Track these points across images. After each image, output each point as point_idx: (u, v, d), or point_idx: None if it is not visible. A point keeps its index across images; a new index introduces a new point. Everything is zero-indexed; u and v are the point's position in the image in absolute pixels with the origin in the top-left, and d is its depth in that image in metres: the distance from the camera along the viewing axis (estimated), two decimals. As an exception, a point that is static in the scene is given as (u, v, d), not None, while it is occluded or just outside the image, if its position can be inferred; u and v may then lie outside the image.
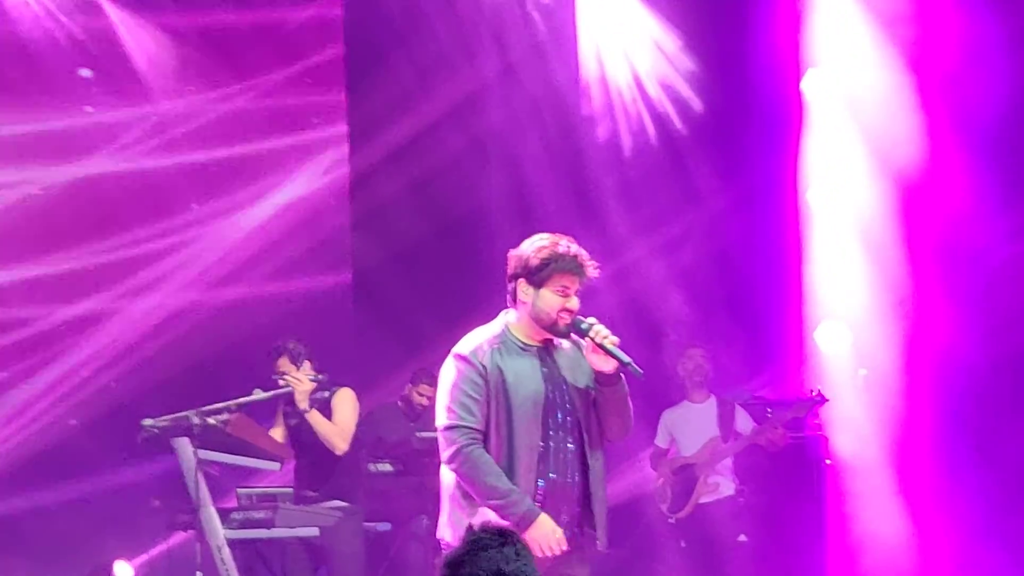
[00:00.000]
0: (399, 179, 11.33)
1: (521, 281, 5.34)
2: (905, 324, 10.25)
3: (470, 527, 3.40)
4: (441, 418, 5.37)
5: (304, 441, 8.96)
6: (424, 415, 10.04)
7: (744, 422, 9.50)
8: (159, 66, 11.05)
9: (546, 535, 5.20)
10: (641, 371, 5.22)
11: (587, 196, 11.42)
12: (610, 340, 5.25)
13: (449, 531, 5.38)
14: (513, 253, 5.39)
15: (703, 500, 9.46)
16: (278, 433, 9.02)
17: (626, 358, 5.23)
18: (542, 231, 5.53)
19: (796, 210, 10.88)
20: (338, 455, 8.86)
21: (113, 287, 11.00)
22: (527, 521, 5.18)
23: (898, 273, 10.31)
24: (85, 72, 10.91)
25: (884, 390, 9.97)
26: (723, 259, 11.13)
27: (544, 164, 11.27)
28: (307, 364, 8.95)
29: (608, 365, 5.25)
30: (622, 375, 5.29)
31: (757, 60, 10.93)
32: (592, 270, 5.36)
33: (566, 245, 5.35)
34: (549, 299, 5.29)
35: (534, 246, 5.35)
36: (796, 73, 10.84)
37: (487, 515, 5.25)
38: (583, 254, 5.35)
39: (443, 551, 5.39)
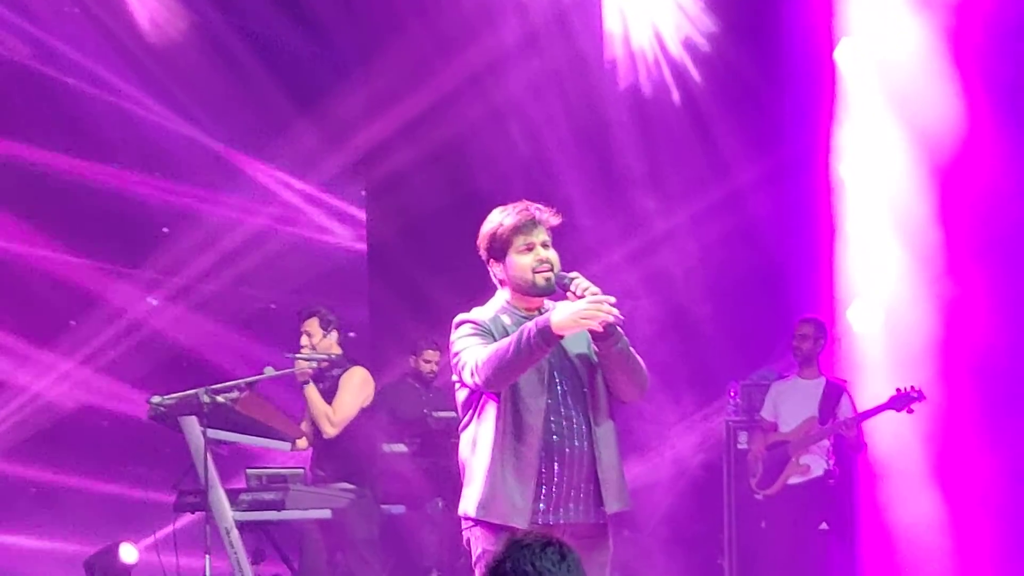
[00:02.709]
0: (416, 150, 11.28)
1: (491, 263, 5.35)
2: (939, 302, 10.11)
3: (513, 532, 3.50)
4: (465, 355, 5.22)
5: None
6: (435, 382, 10.14)
7: (846, 409, 9.35)
8: (167, 38, 11.01)
9: (573, 309, 5.06)
10: (622, 318, 5.13)
11: (611, 169, 11.36)
12: (590, 291, 5.16)
13: (462, 503, 5.29)
14: (477, 244, 5.39)
15: (792, 481, 9.32)
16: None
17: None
18: (562, 205, 5.47)
19: (828, 185, 10.77)
20: (342, 435, 8.76)
21: (119, 259, 10.97)
22: (544, 323, 5.05)
23: (933, 250, 10.18)
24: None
25: (917, 371, 9.73)
26: (752, 235, 11.02)
27: (566, 135, 11.23)
28: (335, 334, 8.89)
29: None
30: (617, 328, 5.18)
31: (789, 29, 10.85)
32: (550, 217, 5.31)
33: (510, 207, 5.33)
34: (518, 262, 5.26)
35: (484, 226, 5.36)
36: (829, 42, 10.73)
37: (504, 490, 5.14)
38: (532, 207, 5.31)
39: (463, 529, 5.29)
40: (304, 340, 8.85)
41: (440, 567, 9.44)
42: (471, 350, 5.18)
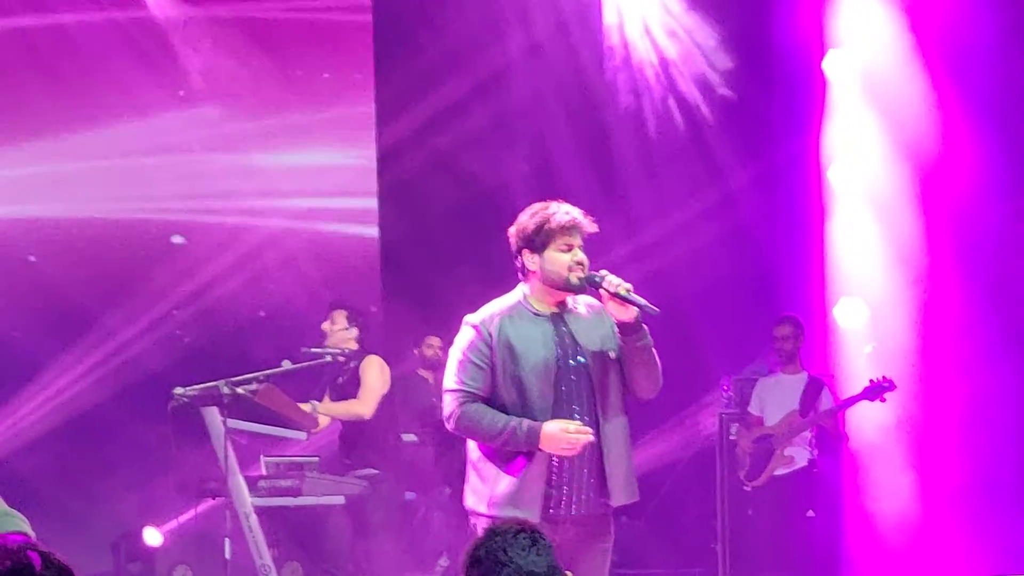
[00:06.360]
0: (425, 155, 11.35)
1: (525, 251, 5.37)
2: (920, 300, 10.28)
3: (493, 518, 3.35)
4: (446, 382, 5.44)
5: None
6: (443, 367, 10.13)
7: (827, 402, 9.55)
8: (186, 39, 11.06)
9: (558, 434, 5.21)
10: (657, 309, 5.24)
11: (610, 173, 11.44)
12: (623, 287, 5.26)
13: (472, 498, 5.43)
14: (511, 231, 5.43)
15: (778, 472, 9.53)
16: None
17: (641, 300, 5.24)
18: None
19: (816, 189, 10.87)
20: (367, 423, 8.97)
21: (142, 256, 11.02)
22: (534, 434, 5.21)
23: (914, 250, 10.33)
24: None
25: (897, 365, 9.92)
26: (744, 236, 11.15)
27: (568, 141, 11.29)
28: (355, 331, 9.09)
29: (628, 314, 5.26)
30: (644, 325, 5.30)
31: (780, 40, 10.96)
32: (590, 225, 5.38)
33: (557, 206, 5.38)
34: (556, 258, 5.32)
35: (528, 215, 5.39)
36: (818, 53, 10.84)
37: (506, 482, 5.29)
38: (577, 211, 5.39)
39: (469, 518, 5.43)
40: (326, 326, 9.04)
41: (449, 551, 9.51)
42: (455, 392, 5.33)
